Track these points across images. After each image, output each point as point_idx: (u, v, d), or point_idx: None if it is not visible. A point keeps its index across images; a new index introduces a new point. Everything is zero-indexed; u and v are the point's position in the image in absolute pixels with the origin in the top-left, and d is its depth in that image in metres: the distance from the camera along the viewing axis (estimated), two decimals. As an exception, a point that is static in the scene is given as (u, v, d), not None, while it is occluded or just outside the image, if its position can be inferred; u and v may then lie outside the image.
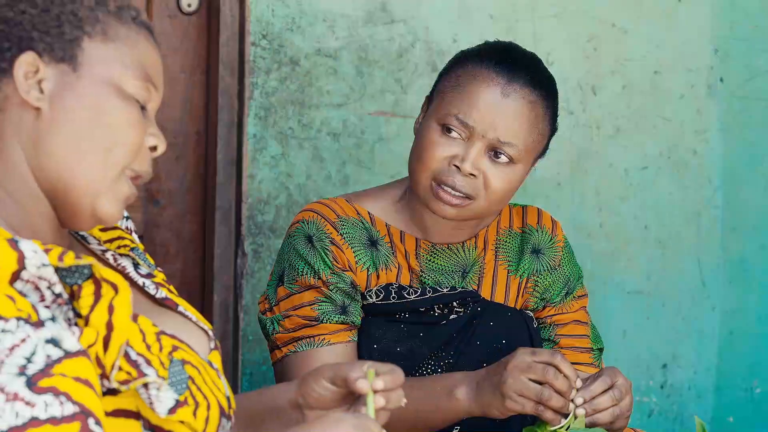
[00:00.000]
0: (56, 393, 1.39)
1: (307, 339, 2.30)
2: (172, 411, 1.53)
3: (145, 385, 1.53)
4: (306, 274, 2.32)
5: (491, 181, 2.27)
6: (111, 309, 1.50)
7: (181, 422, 1.56)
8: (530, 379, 2.10)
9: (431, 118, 2.30)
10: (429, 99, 2.38)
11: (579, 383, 2.11)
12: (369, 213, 2.40)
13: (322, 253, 2.32)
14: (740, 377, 3.61)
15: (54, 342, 1.42)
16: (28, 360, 1.40)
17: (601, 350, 2.49)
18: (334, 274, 2.32)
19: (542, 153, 2.38)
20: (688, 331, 3.57)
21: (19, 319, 1.41)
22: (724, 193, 3.59)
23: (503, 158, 2.27)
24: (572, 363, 2.36)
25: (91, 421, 1.40)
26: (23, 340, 1.40)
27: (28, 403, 1.38)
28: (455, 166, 2.25)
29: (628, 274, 3.51)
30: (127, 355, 1.53)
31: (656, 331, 3.55)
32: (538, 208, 2.52)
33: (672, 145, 3.53)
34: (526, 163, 2.31)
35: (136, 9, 1.67)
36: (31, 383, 1.39)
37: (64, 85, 1.59)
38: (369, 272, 2.36)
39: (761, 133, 3.60)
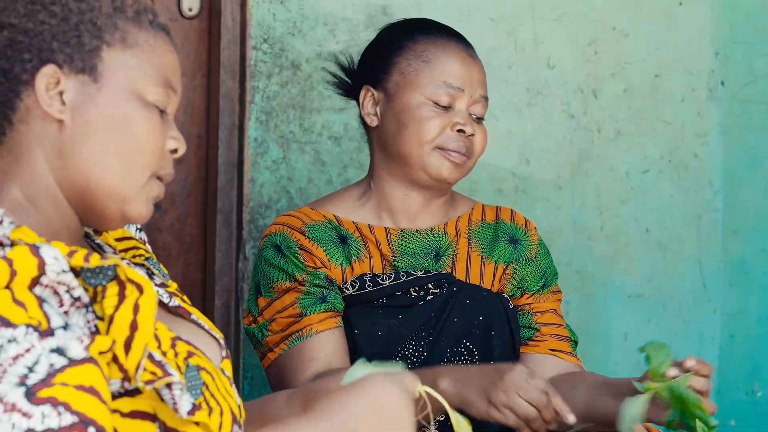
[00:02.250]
0: (55, 403, 1.38)
1: (296, 333, 2.35)
2: (191, 413, 1.54)
3: (168, 386, 1.53)
4: (281, 279, 2.38)
5: (477, 137, 2.44)
6: (136, 308, 1.50)
7: (197, 424, 1.56)
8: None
9: (414, 96, 2.41)
10: (378, 87, 2.45)
11: (572, 419, 2.14)
12: (334, 215, 2.46)
13: (293, 258, 2.39)
14: (741, 380, 3.61)
15: (59, 351, 1.41)
16: (30, 370, 1.39)
17: (576, 343, 2.54)
18: (308, 273, 2.38)
19: None
20: (689, 333, 3.57)
21: (28, 326, 1.41)
22: (725, 196, 3.59)
23: (480, 112, 2.45)
24: (554, 350, 2.47)
25: (91, 430, 1.39)
26: (27, 350, 1.40)
27: (25, 414, 1.37)
28: (459, 130, 2.40)
29: (628, 277, 3.51)
30: (150, 356, 1.52)
31: (657, 334, 3.54)
32: (511, 209, 2.59)
33: (673, 147, 3.53)
34: None
35: (153, 11, 1.66)
36: (30, 394, 1.38)
37: (85, 96, 1.59)
38: (343, 267, 2.41)
39: (762, 135, 3.60)
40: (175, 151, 1.66)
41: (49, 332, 1.42)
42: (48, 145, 1.59)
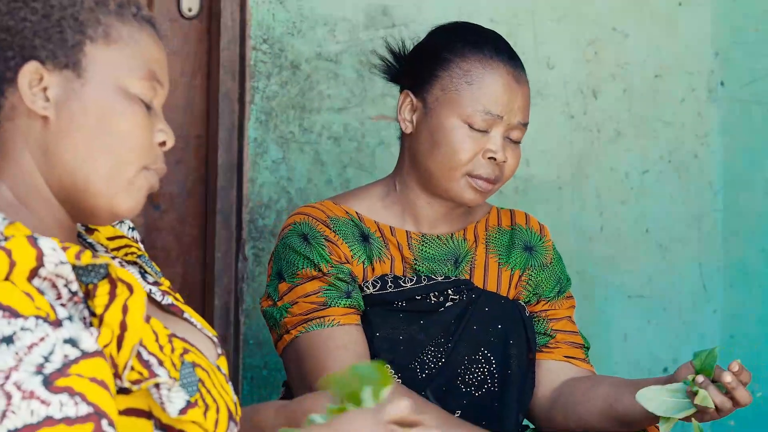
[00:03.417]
0: (72, 393, 1.40)
1: (318, 320, 2.33)
2: (183, 412, 1.54)
3: (157, 386, 1.53)
4: (306, 267, 2.36)
5: (509, 162, 2.39)
6: (125, 309, 1.51)
7: (193, 422, 1.56)
8: None
9: (451, 117, 2.37)
10: (418, 96, 2.41)
11: None
12: (357, 212, 2.45)
13: (320, 249, 2.36)
14: (741, 381, 3.60)
15: (72, 342, 1.42)
16: (46, 359, 1.41)
17: (588, 349, 2.55)
18: (333, 266, 2.36)
19: None
20: (689, 334, 3.57)
21: (37, 317, 1.42)
22: (725, 197, 3.59)
23: (517, 137, 2.41)
24: (568, 357, 2.49)
25: (104, 422, 1.41)
26: (42, 339, 1.41)
27: (43, 402, 1.39)
28: (490, 158, 2.36)
29: (628, 278, 3.51)
30: (139, 355, 1.53)
31: (657, 335, 3.54)
32: (525, 212, 2.59)
33: (673, 148, 3.53)
34: None
35: (137, 3, 1.65)
36: (48, 382, 1.40)
37: (69, 92, 1.59)
38: (365, 266, 2.40)
39: (762, 136, 3.60)
40: (163, 143, 1.65)
41: (58, 323, 1.43)
42: (33, 142, 1.59)
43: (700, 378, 2.17)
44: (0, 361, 1.40)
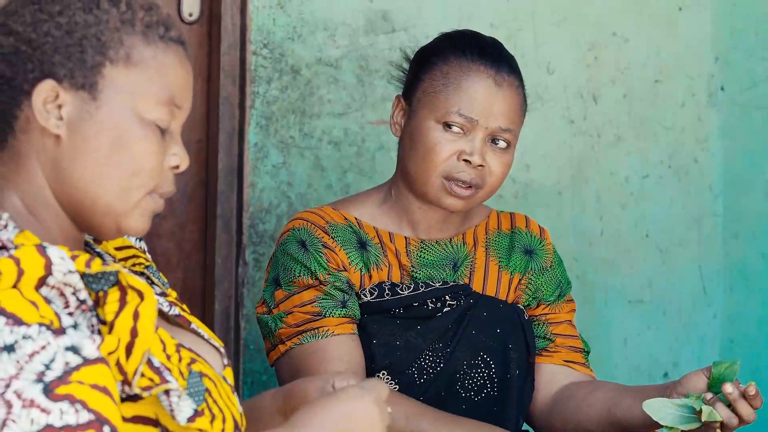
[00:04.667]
0: (72, 400, 1.41)
1: (312, 331, 2.33)
2: (191, 420, 1.54)
3: (167, 393, 1.53)
4: (303, 275, 2.36)
5: (493, 168, 2.37)
6: (136, 315, 1.52)
7: (200, 430, 1.57)
8: None
9: (428, 119, 2.37)
10: (407, 100, 2.44)
11: None
12: (356, 218, 2.45)
13: (317, 256, 2.37)
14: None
15: (74, 349, 1.43)
16: (47, 367, 1.41)
17: (588, 353, 2.55)
18: (330, 274, 2.36)
19: None
20: (689, 338, 3.57)
21: (41, 325, 1.43)
22: (725, 201, 3.59)
23: (502, 144, 2.38)
24: (568, 361, 2.49)
25: (106, 429, 1.42)
26: (43, 347, 1.42)
27: (43, 410, 1.40)
28: (465, 160, 2.34)
29: (629, 282, 3.51)
30: (149, 362, 1.53)
31: (657, 339, 3.55)
32: (525, 215, 2.59)
33: (673, 152, 3.54)
34: (515, 145, 2.42)
35: (166, 24, 1.63)
36: (48, 390, 1.40)
37: (83, 113, 1.58)
38: (362, 273, 2.40)
39: (762, 140, 3.60)
40: (176, 167, 1.64)
41: (61, 331, 1.44)
42: (45, 157, 1.59)
43: (709, 395, 2.16)
44: (1, 370, 1.40)
